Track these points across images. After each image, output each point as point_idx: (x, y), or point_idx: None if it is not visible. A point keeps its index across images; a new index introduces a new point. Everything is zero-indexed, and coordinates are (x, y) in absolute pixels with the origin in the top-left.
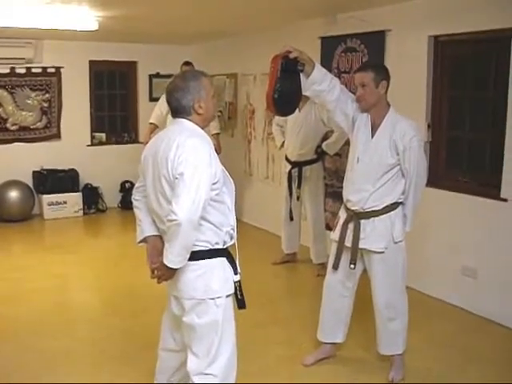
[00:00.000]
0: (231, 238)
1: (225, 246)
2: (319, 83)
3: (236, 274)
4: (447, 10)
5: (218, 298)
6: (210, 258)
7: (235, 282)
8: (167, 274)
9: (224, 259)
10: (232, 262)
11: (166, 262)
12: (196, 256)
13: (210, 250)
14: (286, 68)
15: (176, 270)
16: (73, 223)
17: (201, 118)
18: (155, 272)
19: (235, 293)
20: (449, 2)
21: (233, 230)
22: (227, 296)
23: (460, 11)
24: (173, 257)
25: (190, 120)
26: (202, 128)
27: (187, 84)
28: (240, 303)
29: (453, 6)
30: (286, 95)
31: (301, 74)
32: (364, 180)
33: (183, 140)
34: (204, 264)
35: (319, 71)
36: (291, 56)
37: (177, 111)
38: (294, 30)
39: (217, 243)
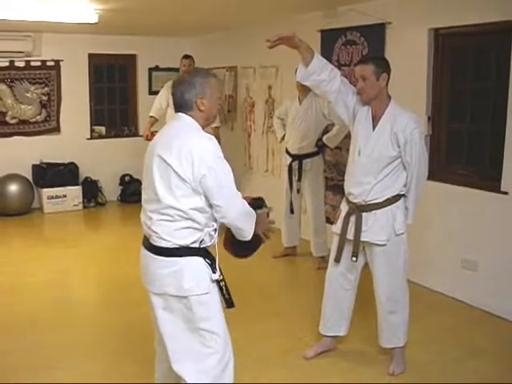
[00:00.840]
0: (211, 239)
1: (202, 246)
2: (318, 73)
3: (214, 272)
4: (447, 2)
5: (192, 296)
6: (182, 256)
7: (219, 282)
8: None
9: (200, 259)
10: (211, 261)
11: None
12: (169, 253)
13: (185, 247)
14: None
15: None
16: (72, 217)
17: (202, 116)
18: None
19: (221, 293)
20: None
21: (214, 230)
22: (200, 295)
23: (460, 4)
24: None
25: (190, 116)
26: (203, 127)
27: (194, 79)
28: (227, 303)
29: None
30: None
31: (300, 64)
32: (365, 173)
33: (190, 138)
34: (176, 261)
35: (319, 61)
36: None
37: (179, 105)
38: (294, 22)
39: (193, 242)
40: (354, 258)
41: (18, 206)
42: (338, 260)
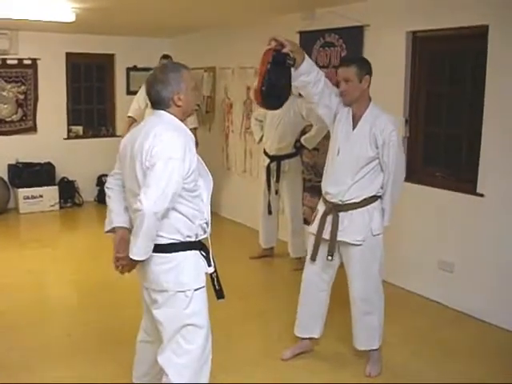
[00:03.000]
0: (204, 232)
1: (197, 239)
2: (307, 74)
3: (210, 265)
4: (425, 5)
5: (188, 290)
6: (181, 250)
7: (211, 274)
8: (130, 265)
9: (197, 252)
10: (206, 254)
11: (130, 255)
12: (168, 249)
13: (182, 242)
14: (276, 61)
15: (139, 261)
16: (49, 217)
17: (180, 111)
18: (119, 261)
19: (212, 284)
20: None
21: (206, 223)
22: (196, 289)
23: (438, 7)
24: (137, 249)
25: (168, 112)
26: (181, 120)
27: (167, 76)
28: (218, 294)
29: (430, 2)
30: (274, 89)
31: (291, 69)
32: (343, 172)
33: (160, 132)
34: (175, 257)
35: (308, 62)
36: (285, 50)
37: (156, 103)
38: (273, 24)
39: (189, 236)
40: (330, 257)
41: None
42: (313, 258)
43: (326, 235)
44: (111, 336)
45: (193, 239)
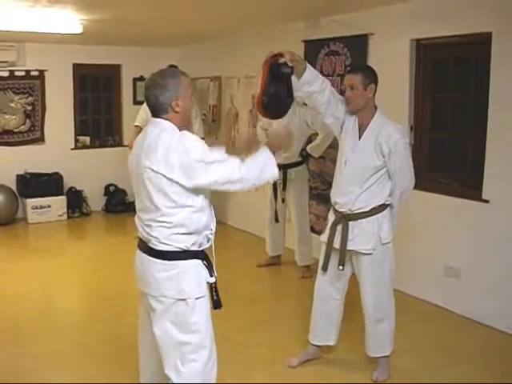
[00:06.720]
0: (208, 241)
1: (200, 248)
2: (310, 84)
3: (211, 276)
4: (429, 13)
5: (189, 299)
6: (183, 259)
7: (211, 284)
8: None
9: (199, 261)
10: (208, 263)
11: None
12: (170, 256)
13: (185, 251)
14: (275, 71)
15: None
16: (57, 227)
17: (178, 117)
18: None
19: (211, 294)
20: (430, 6)
21: (211, 234)
22: (197, 298)
23: (441, 15)
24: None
25: (167, 119)
26: (180, 128)
27: (166, 81)
28: (216, 304)
29: (434, 9)
30: (275, 98)
31: (292, 77)
32: (351, 182)
33: (175, 147)
34: (177, 265)
35: (310, 72)
36: (281, 61)
37: (154, 109)
38: (278, 33)
39: (192, 245)
40: (341, 267)
41: (2, 216)
42: (324, 268)
43: (337, 244)
44: (120, 344)
45: (195, 248)
